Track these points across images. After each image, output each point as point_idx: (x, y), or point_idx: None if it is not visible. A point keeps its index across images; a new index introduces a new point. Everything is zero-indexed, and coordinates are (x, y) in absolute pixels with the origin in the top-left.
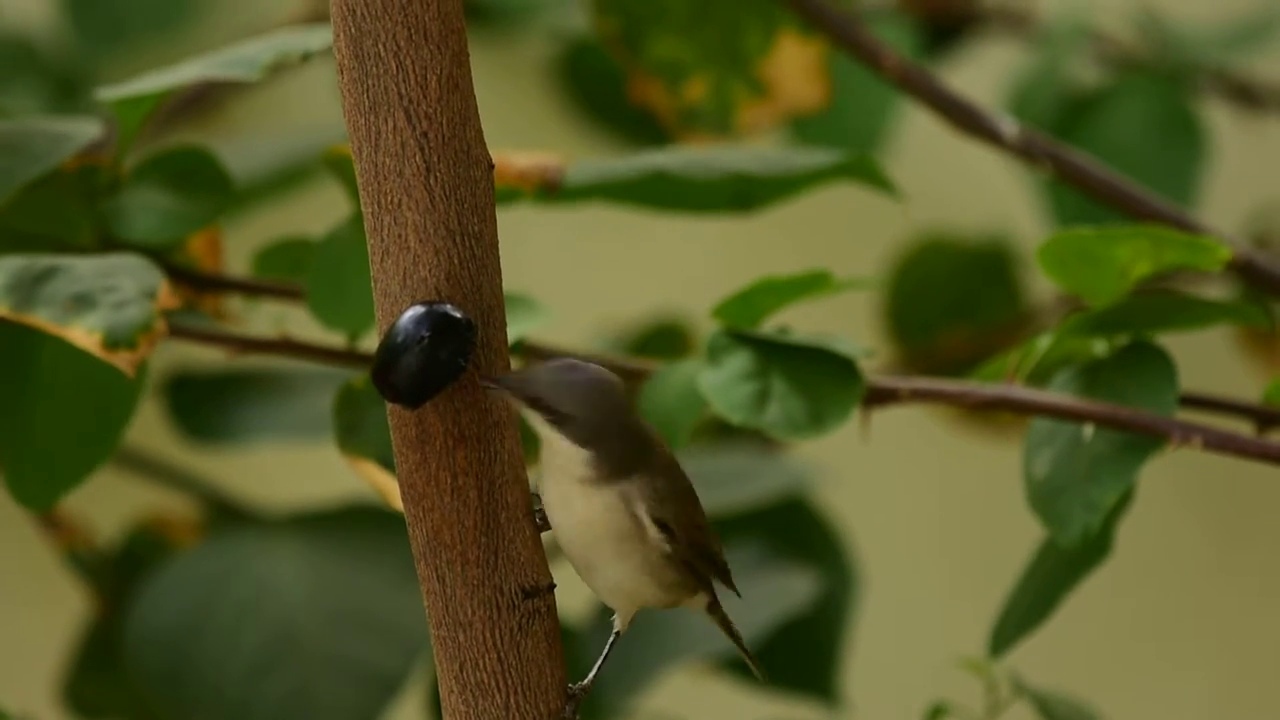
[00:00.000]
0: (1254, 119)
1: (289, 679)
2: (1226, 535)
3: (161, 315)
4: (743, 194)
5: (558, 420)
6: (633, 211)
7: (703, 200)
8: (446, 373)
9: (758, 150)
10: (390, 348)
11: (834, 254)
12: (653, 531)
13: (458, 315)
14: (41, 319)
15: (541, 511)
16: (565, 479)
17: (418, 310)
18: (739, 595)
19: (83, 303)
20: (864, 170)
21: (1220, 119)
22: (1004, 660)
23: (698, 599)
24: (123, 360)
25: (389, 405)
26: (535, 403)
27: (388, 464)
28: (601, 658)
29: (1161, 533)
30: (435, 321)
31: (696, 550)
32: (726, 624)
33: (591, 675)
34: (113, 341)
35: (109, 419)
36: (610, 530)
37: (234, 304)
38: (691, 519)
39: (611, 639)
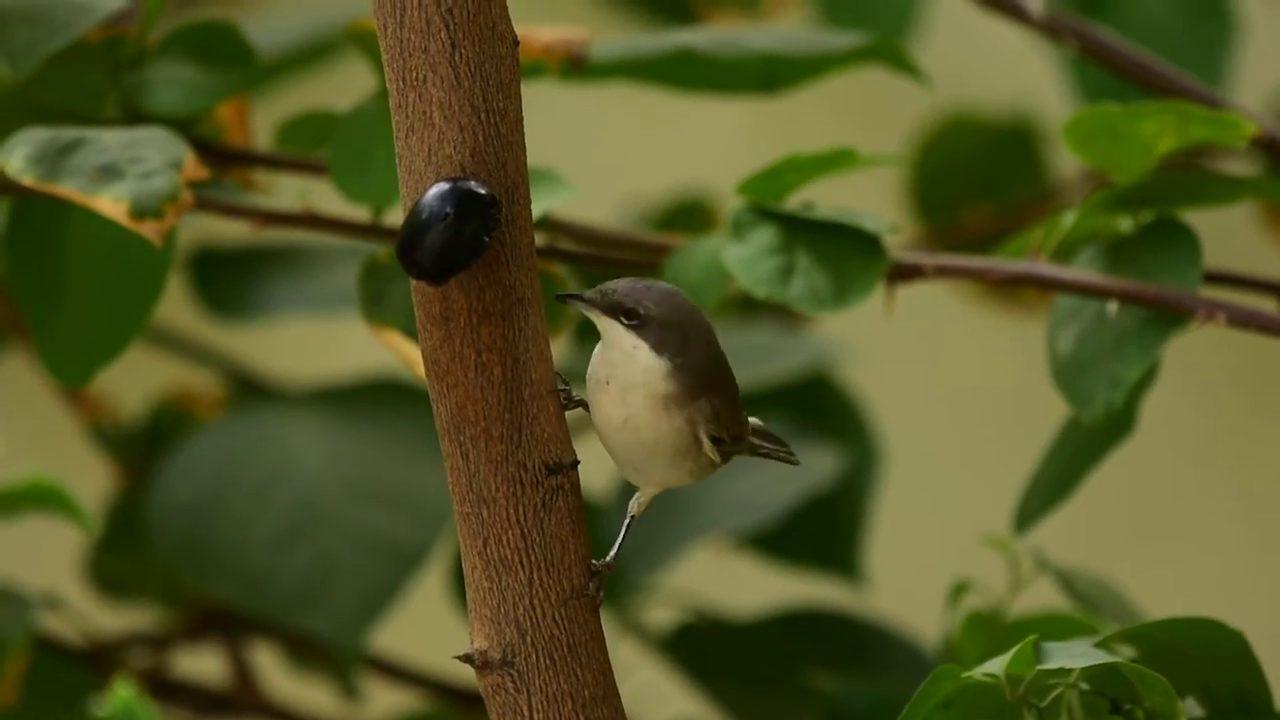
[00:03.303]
0: None
1: (311, 551)
2: (1249, 412)
3: (187, 186)
4: (769, 75)
5: (640, 324)
6: (659, 90)
7: (729, 80)
8: (471, 249)
9: (785, 31)
10: (415, 224)
11: (858, 131)
12: (708, 446)
13: (482, 191)
14: (68, 189)
15: (566, 391)
16: (635, 399)
17: (442, 187)
18: (796, 463)
19: (109, 173)
20: (889, 54)
21: None
22: (1027, 537)
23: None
24: (150, 229)
25: (413, 282)
26: (616, 309)
27: (412, 334)
28: (620, 536)
29: (1184, 409)
30: (460, 198)
31: (737, 446)
32: (755, 449)
33: (613, 552)
34: (139, 211)
35: (139, 293)
36: (673, 449)
37: (261, 175)
38: (739, 423)
39: (627, 522)
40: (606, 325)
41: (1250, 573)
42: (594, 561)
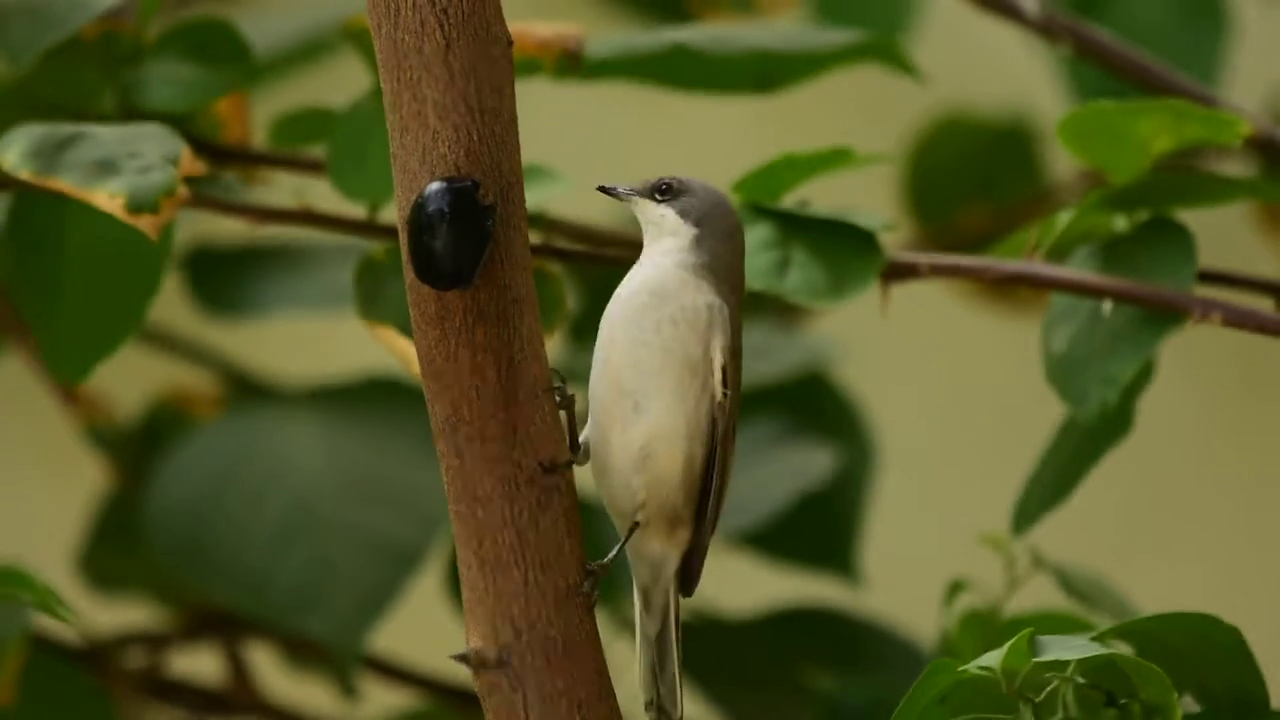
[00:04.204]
0: None
1: (308, 551)
2: (1247, 409)
3: (184, 181)
4: (765, 73)
5: (670, 196)
6: (654, 88)
7: (724, 78)
8: (479, 241)
9: (780, 28)
10: (418, 238)
11: (855, 130)
12: (717, 375)
13: (469, 183)
14: (65, 184)
15: (561, 389)
16: (665, 263)
17: (435, 188)
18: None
19: (106, 168)
20: (885, 50)
21: None
22: (1022, 537)
23: (678, 538)
24: (146, 224)
25: (409, 281)
26: (651, 189)
27: (408, 332)
28: (621, 543)
29: (1181, 405)
30: (454, 197)
31: (728, 436)
32: (667, 617)
33: (611, 555)
34: (136, 205)
35: (136, 288)
36: (685, 359)
37: (260, 172)
38: (737, 384)
39: (630, 528)
40: (640, 208)
41: (1249, 570)
42: (589, 563)
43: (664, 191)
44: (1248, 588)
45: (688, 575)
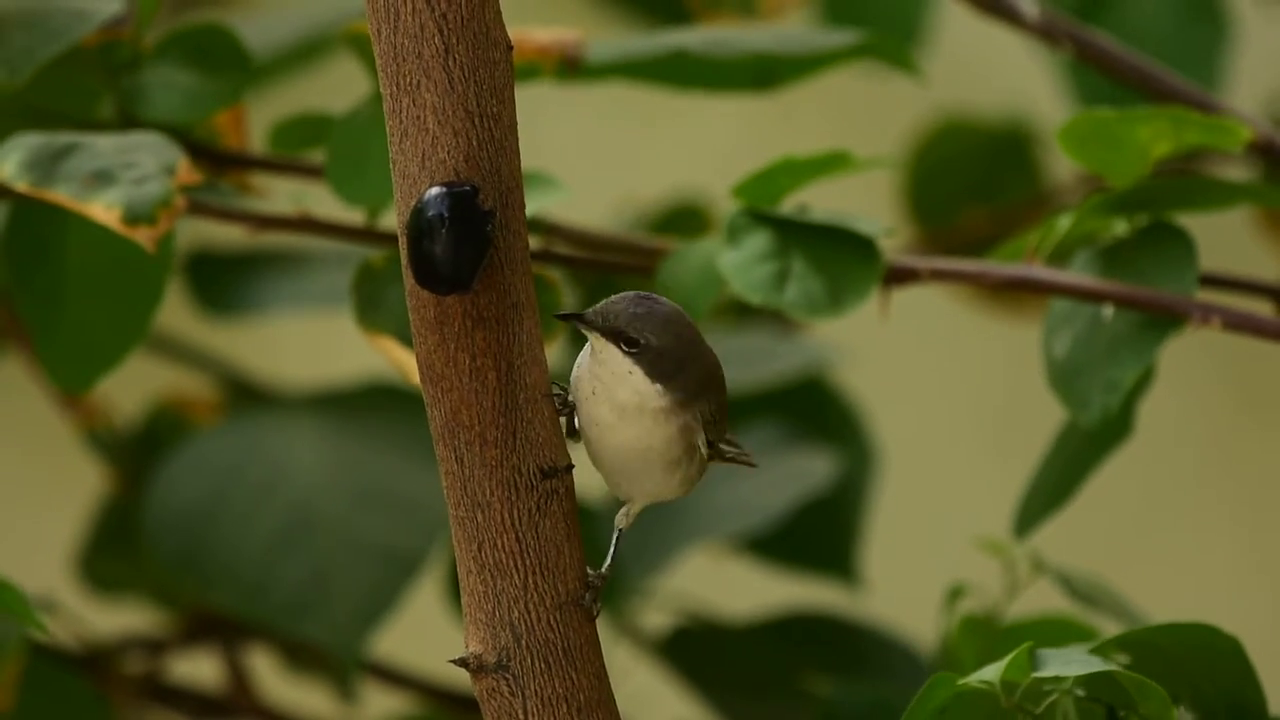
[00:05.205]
0: (1275, 0)
1: (308, 559)
2: (1237, 413)
3: (181, 191)
4: (765, 72)
5: (638, 353)
6: (653, 90)
7: (723, 79)
8: (479, 246)
9: (779, 30)
10: (417, 243)
11: (854, 134)
12: (703, 452)
13: (468, 188)
14: (61, 195)
15: (561, 395)
16: (627, 407)
17: (434, 193)
18: (754, 464)
19: (102, 179)
20: (885, 49)
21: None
22: (1024, 540)
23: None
24: (143, 236)
25: (408, 287)
26: (617, 334)
27: (406, 340)
28: (610, 551)
29: (1171, 410)
30: (453, 202)
31: (717, 451)
32: (723, 454)
33: (607, 564)
34: (132, 217)
35: (140, 299)
36: (668, 456)
37: (258, 179)
38: (724, 426)
39: (615, 536)
40: (603, 346)
41: (1248, 576)
42: (589, 572)
43: (630, 344)
44: (1247, 594)
45: None
